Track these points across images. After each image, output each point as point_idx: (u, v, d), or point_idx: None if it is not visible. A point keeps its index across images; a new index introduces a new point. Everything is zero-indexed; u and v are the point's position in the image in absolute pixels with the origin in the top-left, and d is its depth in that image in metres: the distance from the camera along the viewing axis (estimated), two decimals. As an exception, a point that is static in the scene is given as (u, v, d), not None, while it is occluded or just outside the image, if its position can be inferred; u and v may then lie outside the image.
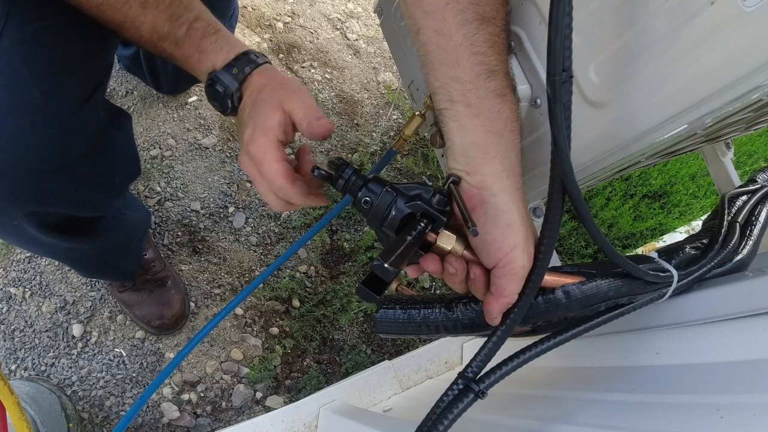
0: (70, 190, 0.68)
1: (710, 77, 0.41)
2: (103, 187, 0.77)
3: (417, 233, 0.48)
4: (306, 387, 1.24)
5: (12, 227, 0.70)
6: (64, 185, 0.66)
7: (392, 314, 0.56)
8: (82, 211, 0.77)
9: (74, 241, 0.83)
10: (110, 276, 1.13)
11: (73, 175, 0.66)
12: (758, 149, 2.00)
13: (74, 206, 0.73)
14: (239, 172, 1.43)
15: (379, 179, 0.52)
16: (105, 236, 0.89)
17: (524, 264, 0.48)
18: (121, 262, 1.07)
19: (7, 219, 0.67)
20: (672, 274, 0.56)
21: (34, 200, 0.64)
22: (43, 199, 0.65)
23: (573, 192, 0.45)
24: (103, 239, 0.89)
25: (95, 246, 0.90)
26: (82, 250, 0.89)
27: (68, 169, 0.64)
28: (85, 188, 0.71)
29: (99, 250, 0.94)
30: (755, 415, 0.44)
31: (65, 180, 0.65)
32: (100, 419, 1.11)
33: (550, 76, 0.42)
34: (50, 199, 0.66)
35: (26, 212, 0.67)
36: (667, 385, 0.58)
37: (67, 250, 0.87)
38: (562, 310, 0.51)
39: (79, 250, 0.89)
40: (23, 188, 0.61)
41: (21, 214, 0.66)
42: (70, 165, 0.64)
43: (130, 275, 1.13)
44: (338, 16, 1.80)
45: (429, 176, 1.62)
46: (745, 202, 0.77)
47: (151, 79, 1.32)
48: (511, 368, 0.52)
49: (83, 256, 0.93)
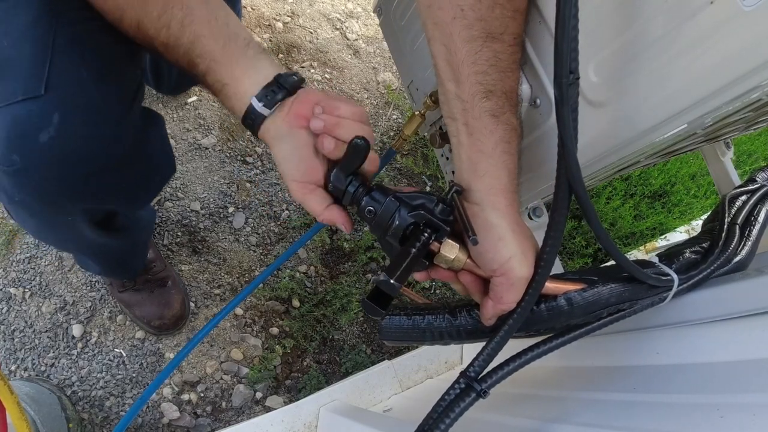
0: (123, 187, 0.71)
1: (710, 77, 0.41)
2: (147, 185, 0.80)
3: (421, 245, 0.48)
4: (306, 387, 1.24)
5: (64, 223, 0.73)
6: (119, 182, 0.68)
7: (397, 321, 0.57)
8: (130, 208, 0.81)
9: (107, 236, 0.86)
10: (122, 274, 1.15)
11: (125, 172, 0.68)
12: (758, 149, 2.00)
13: (126, 202, 0.77)
14: (239, 172, 1.43)
15: (382, 187, 0.52)
16: (124, 234, 0.92)
17: (523, 274, 0.49)
18: (133, 260, 1.10)
19: (64, 215, 0.70)
20: (672, 278, 0.57)
21: (94, 196, 0.67)
22: (102, 195, 0.68)
23: (581, 193, 0.45)
24: (123, 236, 0.93)
25: (118, 243, 0.94)
26: (109, 246, 0.93)
27: (122, 167, 0.66)
28: (133, 185, 0.74)
29: (120, 247, 0.97)
30: (755, 415, 0.44)
31: (119, 177, 0.67)
32: (100, 419, 1.11)
33: (557, 78, 0.42)
34: (107, 195, 0.69)
35: (83, 208, 0.70)
36: (667, 385, 0.58)
37: (99, 245, 0.90)
38: (564, 317, 0.52)
39: (107, 245, 0.92)
40: (83, 185, 0.63)
41: (80, 209, 0.70)
42: (123, 162, 0.65)
43: (135, 274, 1.15)
44: (338, 15, 1.80)
45: (429, 176, 1.62)
46: (745, 202, 0.77)
47: (152, 79, 1.32)
48: (513, 368, 0.52)
49: (108, 251, 0.97)
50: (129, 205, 0.81)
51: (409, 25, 0.85)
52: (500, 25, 0.50)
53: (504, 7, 0.50)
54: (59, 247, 1.17)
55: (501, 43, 0.50)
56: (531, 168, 0.62)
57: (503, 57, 0.51)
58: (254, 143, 1.48)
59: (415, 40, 0.83)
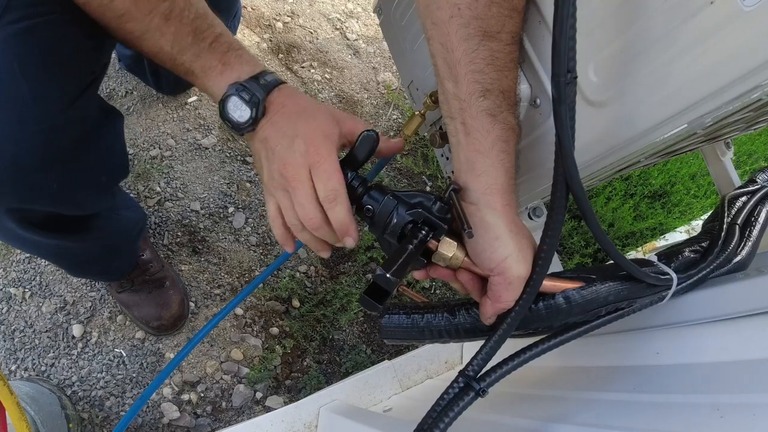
0: (54, 188, 0.67)
1: (710, 76, 0.41)
2: (88, 186, 0.76)
3: (418, 242, 0.48)
4: (306, 387, 1.24)
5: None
6: (47, 182, 0.65)
7: (396, 320, 0.57)
8: (66, 209, 0.76)
9: (59, 238, 0.82)
10: (99, 276, 1.12)
11: (58, 172, 0.65)
12: (758, 149, 2.00)
13: (57, 204, 0.72)
14: (239, 172, 1.43)
15: (380, 186, 0.52)
16: (94, 235, 0.89)
17: (520, 273, 0.49)
18: (111, 263, 1.06)
19: None
20: (671, 278, 0.57)
21: (17, 196, 0.64)
22: (26, 195, 0.65)
23: (578, 193, 0.45)
24: (92, 238, 0.89)
25: (83, 245, 0.89)
26: (68, 248, 0.89)
27: (53, 167, 0.64)
28: (69, 186, 0.70)
29: (87, 249, 0.93)
30: (755, 415, 0.44)
31: (49, 177, 0.65)
32: (100, 419, 1.11)
33: (555, 77, 0.42)
34: (33, 196, 0.66)
35: (7, 208, 0.66)
36: (667, 385, 0.58)
37: (52, 247, 0.86)
38: (563, 315, 0.52)
39: (65, 248, 0.88)
40: (6, 184, 0.60)
41: (2, 209, 0.66)
42: (54, 162, 0.63)
43: (122, 276, 1.12)
44: (338, 15, 1.80)
45: (429, 176, 1.62)
46: (745, 203, 0.77)
47: (152, 79, 1.31)
48: (512, 367, 0.52)
49: (69, 254, 0.92)
50: (65, 207, 0.75)
51: (409, 25, 0.85)
52: (497, 24, 0.50)
53: (501, 5, 0.50)
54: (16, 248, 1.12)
55: (498, 42, 0.50)
56: (531, 168, 0.62)
57: (500, 56, 0.51)
58: (254, 143, 1.48)
59: (415, 40, 0.83)
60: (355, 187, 0.52)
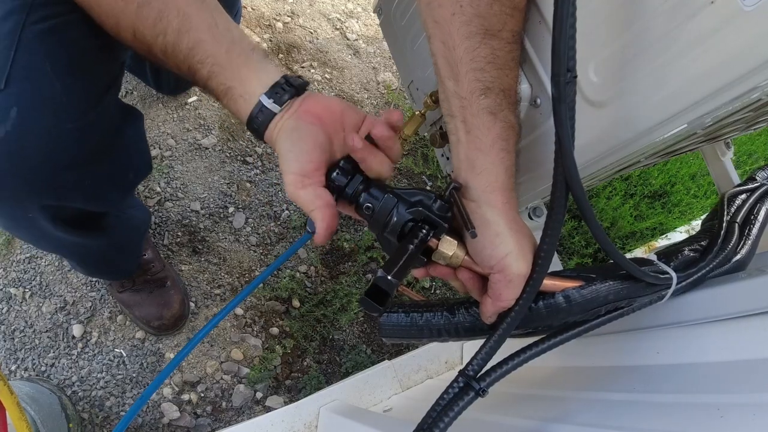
0: (87, 184, 0.69)
1: (710, 76, 0.41)
2: (117, 183, 0.78)
3: (419, 241, 0.48)
4: (306, 387, 1.24)
5: (25, 220, 0.71)
6: (80, 179, 0.67)
7: (395, 318, 0.57)
8: (96, 206, 0.78)
9: (81, 236, 0.84)
10: (110, 275, 1.13)
11: (90, 169, 0.67)
12: (758, 149, 2.00)
13: (89, 200, 0.74)
14: (239, 172, 1.43)
15: (380, 184, 0.52)
16: (109, 233, 0.90)
17: (520, 271, 0.49)
18: (121, 261, 1.08)
19: (22, 211, 0.68)
20: (671, 276, 0.57)
21: (53, 193, 0.66)
22: (61, 192, 0.66)
23: (578, 193, 0.45)
24: (107, 236, 0.90)
25: (99, 242, 0.91)
26: (87, 246, 0.90)
27: (86, 164, 0.65)
28: (100, 183, 0.72)
29: (102, 247, 0.94)
30: (755, 415, 0.44)
31: (82, 174, 0.66)
32: (101, 419, 1.11)
33: (555, 76, 0.42)
34: (67, 192, 0.67)
35: (42, 205, 0.68)
36: (667, 385, 0.58)
37: (74, 245, 0.87)
38: (563, 314, 0.52)
39: (85, 245, 0.89)
40: (43, 181, 0.62)
41: (37, 206, 0.68)
42: (87, 159, 0.65)
43: (128, 275, 1.13)
44: (338, 15, 1.80)
45: (429, 176, 1.62)
46: (744, 201, 0.77)
47: (152, 79, 1.31)
48: (511, 367, 0.52)
49: (87, 252, 0.94)
50: (95, 204, 0.77)
51: (409, 25, 0.85)
52: (498, 22, 0.50)
53: (503, 4, 0.50)
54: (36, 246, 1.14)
55: (499, 40, 0.51)
56: (531, 168, 0.62)
57: (501, 54, 0.51)
58: (254, 143, 1.48)
59: (415, 40, 0.83)
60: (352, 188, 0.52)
